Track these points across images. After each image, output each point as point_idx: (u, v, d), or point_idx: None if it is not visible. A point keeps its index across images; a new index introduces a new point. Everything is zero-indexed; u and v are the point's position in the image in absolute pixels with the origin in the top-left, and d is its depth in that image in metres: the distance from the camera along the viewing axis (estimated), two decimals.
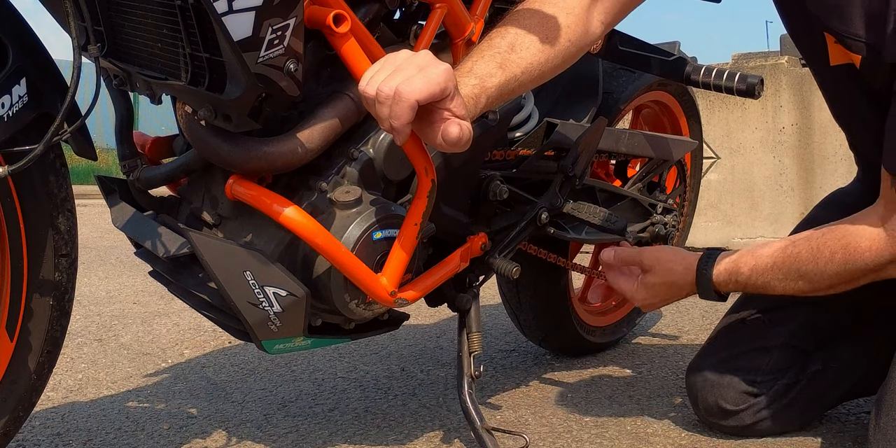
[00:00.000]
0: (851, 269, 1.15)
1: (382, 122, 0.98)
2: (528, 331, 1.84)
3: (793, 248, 1.21)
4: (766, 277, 1.23)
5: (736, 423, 1.37)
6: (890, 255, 1.12)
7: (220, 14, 0.92)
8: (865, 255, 1.14)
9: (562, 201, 1.42)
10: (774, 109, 3.36)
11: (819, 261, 1.18)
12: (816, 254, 1.18)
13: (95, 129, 11.60)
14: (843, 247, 1.16)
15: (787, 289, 1.22)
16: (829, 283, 1.19)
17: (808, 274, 1.19)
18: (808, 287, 1.20)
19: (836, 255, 1.16)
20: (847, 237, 1.16)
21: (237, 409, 1.56)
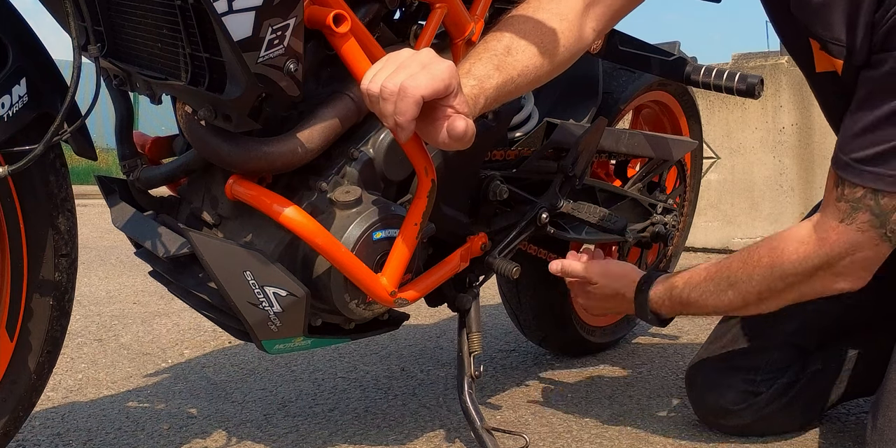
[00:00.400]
0: (778, 275, 1.10)
1: (386, 119, 0.97)
2: (528, 331, 1.84)
3: (727, 260, 1.19)
4: (699, 290, 1.20)
5: (736, 422, 1.37)
6: (816, 258, 1.07)
7: (220, 14, 0.92)
8: (792, 258, 1.09)
9: (562, 201, 1.42)
10: (774, 109, 3.36)
11: (747, 267, 1.14)
12: (747, 260, 1.15)
13: (95, 129, 11.60)
14: (770, 250, 1.12)
15: (719, 303, 1.18)
16: (757, 293, 1.14)
17: (738, 282, 1.15)
18: (738, 299, 1.16)
19: (763, 260, 1.12)
20: (777, 241, 1.12)
21: (237, 409, 1.56)
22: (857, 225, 1.05)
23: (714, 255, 3.41)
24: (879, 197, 1.03)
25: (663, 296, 1.26)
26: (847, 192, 1.05)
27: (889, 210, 1.03)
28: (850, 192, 1.05)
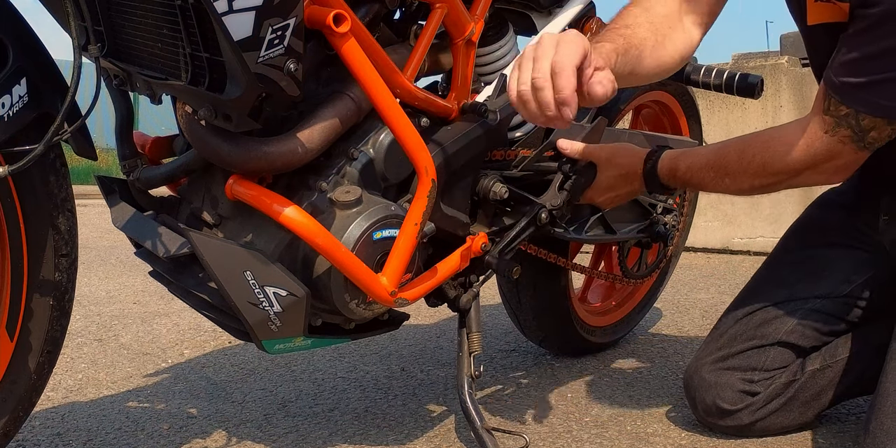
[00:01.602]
0: (770, 170, 1.23)
1: (546, 108, 1.04)
2: (528, 331, 1.84)
3: (725, 149, 1.29)
4: (700, 176, 1.30)
5: (734, 422, 1.37)
6: (803, 161, 1.20)
7: (221, 14, 0.92)
8: (783, 158, 1.21)
9: (562, 201, 1.42)
10: (774, 109, 3.36)
11: (742, 161, 1.25)
12: (742, 154, 1.26)
13: (95, 129, 11.59)
14: (764, 149, 1.24)
15: (717, 187, 1.30)
16: (750, 184, 1.27)
17: (733, 173, 1.27)
18: (733, 186, 1.28)
19: (756, 157, 1.24)
20: (770, 141, 1.24)
21: (237, 409, 1.56)
22: (839, 137, 1.18)
23: (714, 255, 3.42)
24: (861, 117, 1.15)
25: (668, 174, 1.33)
26: (833, 109, 1.17)
27: (868, 128, 1.16)
28: (836, 109, 1.16)
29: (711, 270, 3.05)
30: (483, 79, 1.43)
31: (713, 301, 2.47)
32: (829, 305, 1.38)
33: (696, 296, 2.57)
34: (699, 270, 3.05)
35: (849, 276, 1.39)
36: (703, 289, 2.68)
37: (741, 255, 3.39)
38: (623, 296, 1.98)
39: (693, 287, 2.71)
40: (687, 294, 2.60)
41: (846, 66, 1.14)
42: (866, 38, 1.11)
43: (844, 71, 1.14)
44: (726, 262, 3.26)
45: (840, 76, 1.15)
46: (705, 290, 2.65)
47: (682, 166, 1.32)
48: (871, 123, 1.15)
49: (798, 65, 3.38)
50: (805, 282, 1.41)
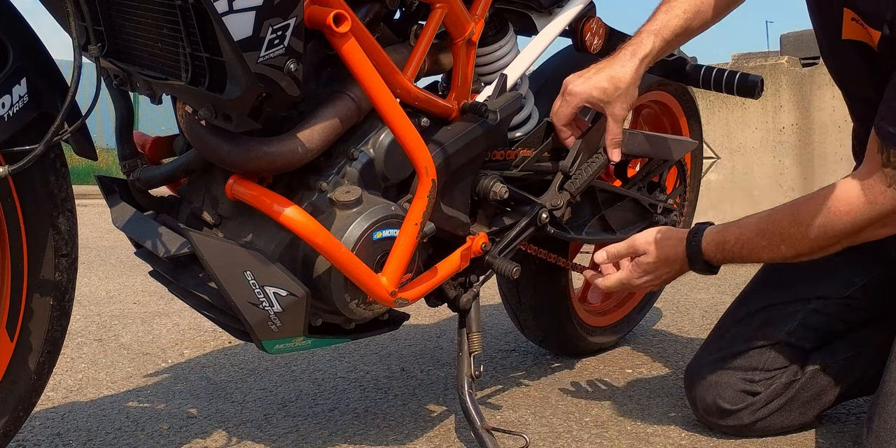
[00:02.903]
0: (830, 233, 1.18)
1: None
2: (528, 331, 1.83)
3: (776, 215, 1.25)
4: (752, 245, 1.25)
5: (735, 422, 1.37)
6: (867, 217, 1.15)
7: (221, 14, 0.92)
8: (844, 219, 1.16)
9: (562, 201, 1.42)
10: (774, 109, 3.36)
11: (800, 226, 1.20)
12: (797, 219, 1.21)
13: (95, 129, 11.59)
14: (822, 211, 1.18)
15: (773, 255, 1.25)
16: (810, 248, 1.21)
17: (790, 239, 1.21)
18: (791, 252, 1.23)
19: (815, 220, 1.18)
20: (827, 202, 1.18)
21: (237, 409, 1.56)
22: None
23: None
24: None
25: (716, 250, 1.29)
26: (893, 160, 1.11)
27: None
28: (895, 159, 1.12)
29: None
30: (483, 79, 1.43)
31: (713, 301, 2.47)
32: (831, 307, 1.38)
33: (696, 296, 2.57)
34: None
35: (851, 277, 1.39)
36: (703, 289, 2.68)
37: None
38: (623, 296, 1.98)
39: (693, 287, 2.71)
40: (687, 294, 2.60)
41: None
42: None
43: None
44: None
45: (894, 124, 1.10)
46: (705, 290, 2.65)
47: (730, 239, 1.27)
48: None
49: (798, 65, 3.38)
50: (806, 283, 1.41)
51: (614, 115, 1.35)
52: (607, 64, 1.34)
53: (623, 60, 1.33)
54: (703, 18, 1.37)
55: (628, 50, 1.34)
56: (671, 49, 1.39)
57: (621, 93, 1.33)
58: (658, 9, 1.37)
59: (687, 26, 1.36)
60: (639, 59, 1.33)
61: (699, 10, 1.36)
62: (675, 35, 1.35)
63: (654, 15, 1.37)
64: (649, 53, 1.34)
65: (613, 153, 1.39)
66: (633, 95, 1.34)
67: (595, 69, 1.35)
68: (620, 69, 1.33)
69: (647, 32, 1.34)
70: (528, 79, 1.51)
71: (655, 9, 1.38)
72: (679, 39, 1.37)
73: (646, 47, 1.33)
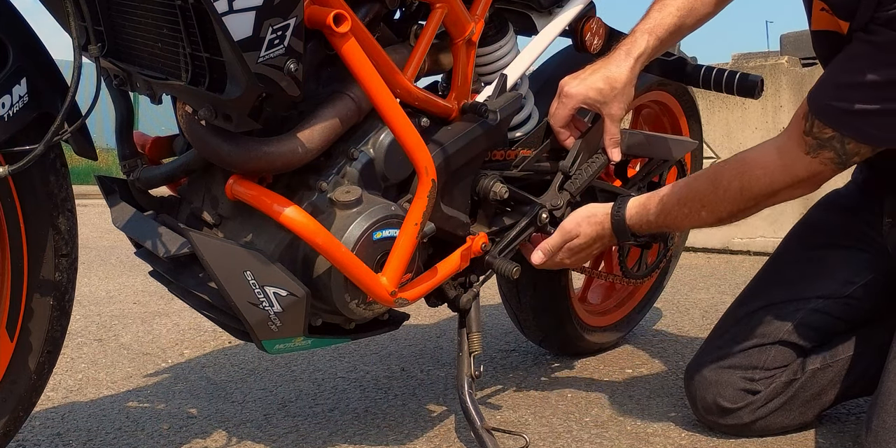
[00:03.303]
0: (748, 195, 1.22)
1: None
2: (528, 331, 1.83)
3: (695, 182, 1.29)
4: (674, 214, 1.29)
5: (734, 421, 1.37)
6: (782, 181, 1.19)
7: (221, 14, 0.92)
8: (762, 181, 1.20)
9: (562, 201, 1.42)
10: (774, 109, 3.36)
11: (718, 190, 1.24)
12: (715, 184, 1.24)
13: (95, 129, 11.59)
14: (739, 175, 1.22)
15: (694, 221, 1.29)
16: (729, 211, 1.25)
17: (710, 204, 1.25)
18: (712, 217, 1.27)
19: (732, 183, 1.22)
20: (744, 166, 1.22)
21: (237, 409, 1.56)
22: (820, 159, 1.16)
23: (714, 255, 3.42)
24: (846, 141, 1.14)
25: (638, 222, 1.32)
26: (817, 130, 1.15)
27: (853, 153, 1.15)
28: (819, 131, 1.15)
29: (711, 270, 3.05)
30: (483, 79, 1.43)
31: (713, 301, 2.47)
32: (831, 306, 1.38)
33: (696, 296, 2.57)
34: (699, 270, 3.05)
35: (851, 277, 1.39)
36: (703, 289, 2.68)
37: (741, 255, 3.38)
38: (623, 296, 1.98)
39: (693, 287, 2.71)
40: (687, 294, 2.60)
41: (838, 90, 1.12)
42: (864, 65, 1.09)
43: (835, 95, 1.13)
44: (726, 262, 3.26)
45: (830, 99, 1.13)
46: (705, 290, 2.65)
47: (652, 209, 1.30)
48: (857, 148, 1.14)
49: (798, 65, 3.38)
50: (807, 282, 1.41)
51: (611, 116, 1.35)
52: (602, 64, 1.35)
53: (618, 60, 1.33)
54: (697, 15, 1.37)
55: (623, 50, 1.34)
56: (666, 47, 1.39)
57: (617, 93, 1.33)
58: (652, 7, 1.38)
59: (681, 24, 1.36)
60: (633, 58, 1.33)
61: (692, 8, 1.36)
62: (669, 33, 1.36)
63: (648, 13, 1.37)
64: (644, 52, 1.34)
65: (613, 153, 1.39)
66: (630, 95, 1.35)
67: (590, 70, 1.35)
68: (616, 69, 1.33)
69: (640, 31, 1.35)
70: (528, 79, 1.51)
71: (649, 7, 1.38)
72: (673, 37, 1.37)
73: (640, 46, 1.33)
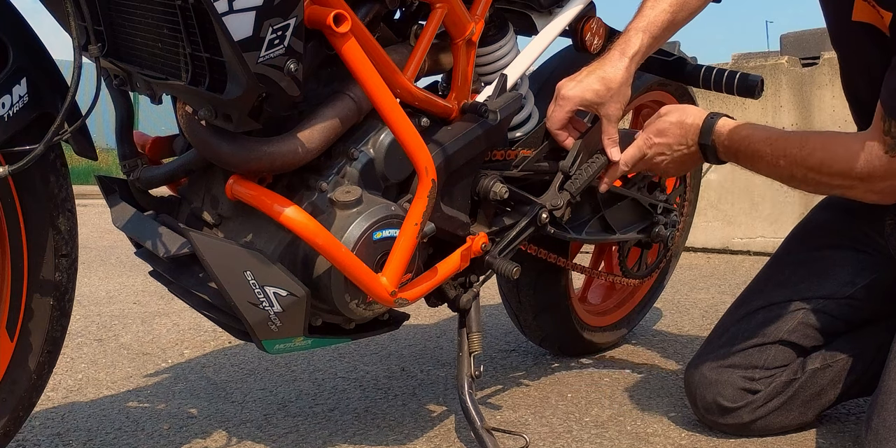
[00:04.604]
0: (825, 170, 1.23)
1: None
2: (528, 331, 1.84)
3: (788, 134, 1.30)
4: (756, 147, 1.29)
5: (734, 420, 1.37)
6: (860, 174, 1.19)
7: (221, 14, 0.92)
8: (840, 163, 1.21)
9: (562, 201, 1.42)
10: (774, 109, 3.36)
11: (803, 150, 1.24)
12: (804, 145, 1.25)
13: (95, 129, 11.61)
14: (825, 147, 1.23)
15: (769, 166, 1.29)
16: (803, 175, 1.25)
17: (790, 157, 1.25)
18: (785, 172, 1.28)
19: (816, 152, 1.23)
20: (831, 142, 1.24)
21: (237, 409, 1.56)
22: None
23: (714, 255, 3.42)
24: None
25: (727, 135, 1.32)
26: (893, 130, 1.15)
27: None
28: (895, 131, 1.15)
29: (711, 270, 3.06)
30: (483, 79, 1.43)
31: (713, 301, 2.47)
32: (832, 306, 1.38)
33: (696, 296, 2.57)
34: (699, 270, 3.05)
35: (852, 278, 1.39)
36: (703, 289, 2.68)
37: (741, 255, 3.39)
38: (623, 296, 1.98)
39: (693, 287, 2.71)
40: (687, 294, 2.60)
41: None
42: None
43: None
44: (726, 262, 3.26)
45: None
46: (705, 290, 2.65)
47: (742, 132, 1.30)
48: None
49: (798, 65, 3.38)
50: (808, 282, 1.41)
51: (609, 116, 1.35)
52: (598, 65, 1.35)
53: (613, 61, 1.33)
54: (689, 10, 1.38)
55: (617, 50, 1.34)
56: (660, 44, 1.39)
57: (614, 93, 1.33)
58: (644, 4, 1.37)
59: (673, 19, 1.36)
60: (629, 57, 1.33)
61: (685, 2, 1.36)
62: (663, 30, 1.36)
63: (641, 11, 1.37)
64: (638, 51, 1.34)
65: (612, 153, 1.39)
66: (627, 95, 1.35)
67: (586, 72, 1.35)
68: (611, 70, 1.33)
69: (634, 30, 1.34)
70: (528, 79, 1.51)
71: (641, 4, 1.38)
72: (667, 33, 1.37)
73: (634, 45, 1.33)
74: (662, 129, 1.35)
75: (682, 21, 1.39)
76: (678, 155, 1.36)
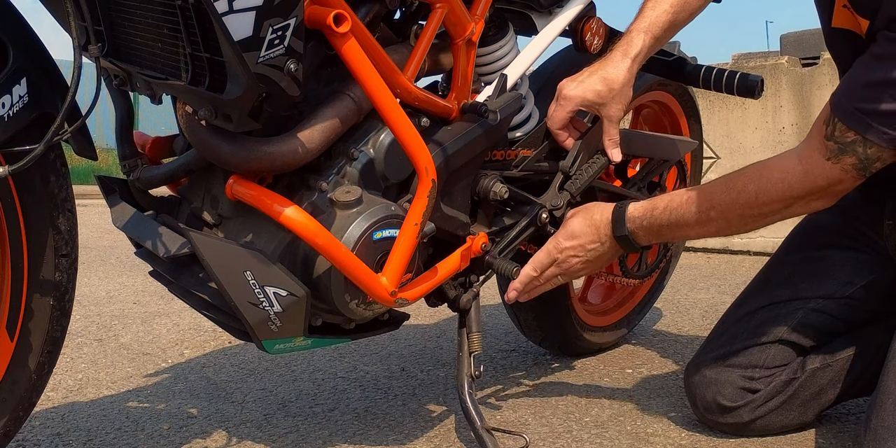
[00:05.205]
0: (763, 200, 1.18)
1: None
2: (528, 331, 1.84)
3: (709, 184, 1.26)
4: (681, 212, 1.25)
5: (734, 420, 1.37)
6: (800, 187, 1.16)
7: (221, 14, 0.92)
8: (777, 186, 1.17)
9: (562, 201, 1.42)
10: (774, 109, 3.36)
11: (732, 192, 1.21)
12: (730, 185, 1.22)
13: (95, 129, 11.60)
14: (756, 178, 1.20)
15: (702, 226, 1.24)
16: (739, 215, 1.21)
17: (721, 205, 1.21)
18: (720, 223, 1.23)
19: (748, 186, 1.20)
20: (763, 170, 1.20)
21: (237, 409, 1.56)
22: (842, 165, 1.14)
23: (714, 255, 3.42)
24: (868, 146, 1.12)
25: (642, 216, 1.28)
26: (838, 134, 1.12)
27: (874, 159, 1.13)
28: (841, 134, 1.12)
29: (711, 270, 3.06)
30: (483, 79, 1.43)
31: (713, 301, 2.47)
32: (831, 306, 1.38)
33: (696, 296, 2.57)
34: (699, 270, 3.05)
35: (851, 278, 1.39)
36: (703, 289, 2.68)
37: (741, 255, 3.39)
38: (623, 296, 1.98)
39: (693, 287, 2.71)
40: (687, 294, 2.60)
41: (862, 90, 1.11)
42: (890, 65, 1.08)
43: (860, 95, 1.11)
44: (726, 262, 3.26)
45: (854, 101, 1.11)
46: (705, 290, 2.65)
47: (659, 205, 1.27)
48: (879, 152, 1.12)
49: (798, 65, 3.38)
50: (808, 282, 1.41)
51: (610, 117, 1.35)
52: (599, 66, 1.35)
53: (615, 61, 1.33)
54: (690, 9, 1.37)
55: (619, 50, 1.34)
56: (661, 44, 1.39)
57: (615, 94, 1.33)
58: (645, 5, 1.37)
59: (674, 19, 1.36)
60: (630, 58, 1.33)
61: (685, 2, 1.36)
62: (664, 30, 1.36)
63: (642, 11, 1.37)
64: (640, 52, 1.34)
65: (613, 154, 1.39)
66: (628, 96, 1.35)
67: (588, 72, 1.35)
68: (613, 70, 1.33)
69: (636, 31, 1.34)
70: (528, 79, 1.51)
71: (642, 4, 1.38)
72: (668, 33, 1.37)
73: (636, 46, 1.33)
74: (571, 230, 1.32)
75: (683, 21, 1.38)
76: (593, 254, 1.32)
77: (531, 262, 1.34)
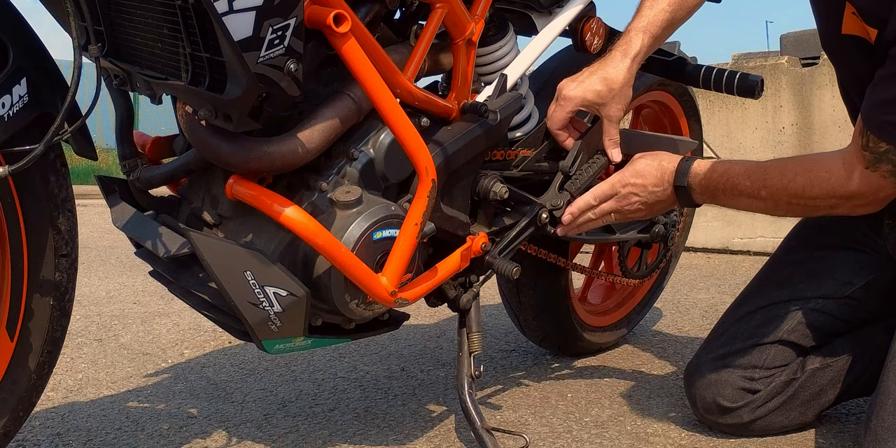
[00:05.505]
0: (808, 193, 1.23)
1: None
2: (528, 331, 1.84)
3: (766, 163, 1.30)
4: (735, 182, 1.28)
5: (734, 420, 1.37)
6: (842, 192, 1.21)
7: (221, 14, 0.92)
8: (822, 185, 1.22)
9: (562, 201, 1.42)
10: (774, 109, 3.36)
11: (784, 178, 1.25)
12: (784, 171, 1.25)
13: (95, 129, 11.61)
14: (806, 171, 1.23)
15: (751, 200, 1.28)
16: (787, 202, 1.25)
17: (771, 187, 1.25)
18: (768, 202, 1.27)
19: (798, 177, 1.24)
20: (811, 165, 1.24)
21: (237, 409, 1.56)
22: (880, 172, 1.17)
23: (714, 255, 3.42)
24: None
25: (703, 175, 1.31)
26: (872, 145, 1.16)
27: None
28: (875, 145, 1.15)
29: (711, 270, 3.06)
30: (483, 79, 1.43)
31: (713, 301, 2.47)
32: (831, 306, 1.38)
33: (696, 296, 2.57)
34: (699, 270, 3.05)
35: (851, 278, 1.39)
36: (703, 289, 2.68)
37: (741, 255, 3.39)
38: (623, 296, 1.98)
39: (693, 287, 2.71)
40: (687, 294, 2.60)
41: (886, 105, 1.13)
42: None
43: (884, 109, 1.13)
44: (726, 262, 3.26)
45: (881, 115, 1.14)
46: (705, 290, 2.65)
47: (720, 168, 1.30)
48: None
49: (798, 65, 3.38)
50: (807, 282, 1.41)
51: (610, 117, 1.35)
52: (599, 66, 1.35)
53: (615, 61, 1.34)
54: (687, 7, 1.38)
55: (619, 50, 1.35)
56: (660, 43, 1.39)
57: (615, 94, 1.33)
58: (643, 4, 1.37)
59: (672, 18, 1.37)
60: (630, 58, 1.33)
61: (682, 1, 1.36)
62: (662, 29, 1.36)
63: (640, 11, 1.37)
64: (640, 52, 1.34)
65: (613, 154, 1.39)
66: (628, 96, 1.35)
67: (587, 72, 1.35)
68: (613, 70, 1.33)
69: (635, 30, 1.35)
70: (528, 79, 1.51)
71: (639, 4, 1.38)
72: (666, 33, 1.38)
73: (636, 46, 1.34)
74: (639, 170, 1.34)
75: (681, 19, 1.39)
76: (652, 197, 1.34)
77: (593, 190, 1.37)
